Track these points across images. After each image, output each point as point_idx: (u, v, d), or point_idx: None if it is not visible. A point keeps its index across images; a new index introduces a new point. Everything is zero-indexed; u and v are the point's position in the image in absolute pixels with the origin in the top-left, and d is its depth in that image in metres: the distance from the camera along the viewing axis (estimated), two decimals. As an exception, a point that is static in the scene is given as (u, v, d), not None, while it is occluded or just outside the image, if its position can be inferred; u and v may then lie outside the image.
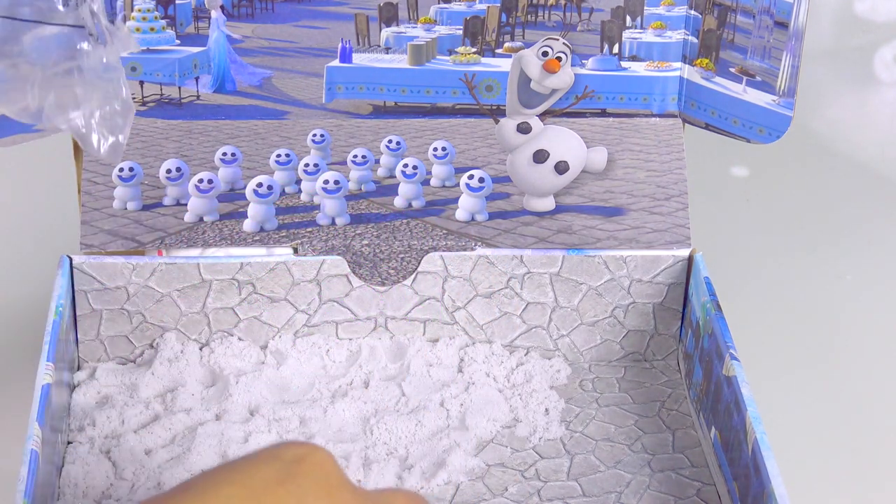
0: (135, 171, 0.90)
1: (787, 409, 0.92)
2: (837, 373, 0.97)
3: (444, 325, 0.91)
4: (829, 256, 1.13)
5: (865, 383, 0.96)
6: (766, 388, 0.91)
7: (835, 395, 0.95)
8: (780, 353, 0.99)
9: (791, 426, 0.90)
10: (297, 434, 0.82)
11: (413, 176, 0.92)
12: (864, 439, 0.91)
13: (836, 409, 0.93)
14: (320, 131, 0.92)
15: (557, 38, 0.90)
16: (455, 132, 0.93)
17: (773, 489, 0.67)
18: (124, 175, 0.90)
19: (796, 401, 0.94)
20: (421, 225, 0.91)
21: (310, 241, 0.89)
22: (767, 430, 0.71)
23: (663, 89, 0.92)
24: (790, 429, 0.89)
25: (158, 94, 0.92)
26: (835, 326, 1.03)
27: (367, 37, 0.92)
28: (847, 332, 1.02)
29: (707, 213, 1.10)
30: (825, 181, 1.24)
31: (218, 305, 0.89)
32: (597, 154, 0.92)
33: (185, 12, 0.91)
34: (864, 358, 0.99)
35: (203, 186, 0.90)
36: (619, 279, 0.90)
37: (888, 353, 1.00)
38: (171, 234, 0.89)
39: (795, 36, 0.86)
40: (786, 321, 1.03)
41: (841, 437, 0.91)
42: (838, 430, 0.91)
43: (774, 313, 1.04)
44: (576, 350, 0.92)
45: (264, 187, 0.90)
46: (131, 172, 0.90)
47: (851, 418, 0.93)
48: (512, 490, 0.79)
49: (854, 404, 0.94)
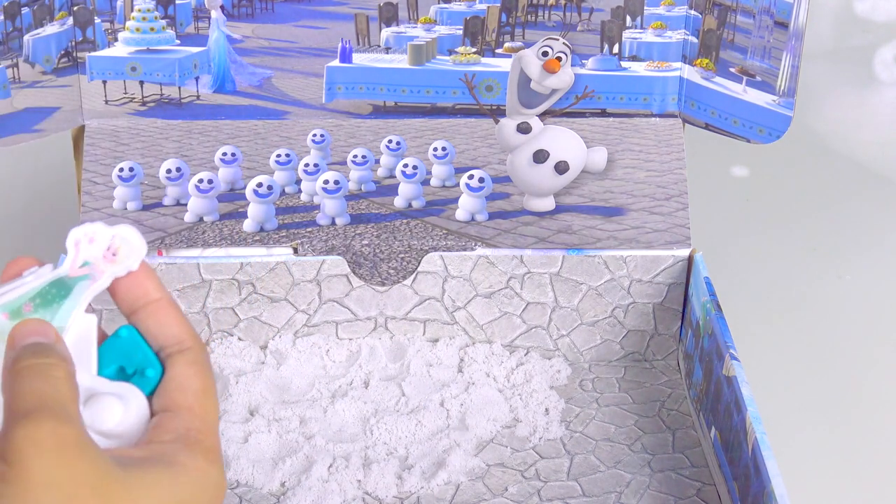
0: (135, 171, 0.90)
1: (787, 409, 0.92)
2: (837, 373, 0.97)
3: (444, 325, 0.91)
4: (829, 256, 1.13)
5: (865, 383, 0.96)
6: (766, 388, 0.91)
7: (835, 395, 0.95)
8: (780, 353, 0.99)
9: (791, 426, 0.90)
10: (297, 434, 0.82)
11: (413, 176, 0.92)
12: (863, 439, 0.91)
13: (836, 409, 0.93)
14: (320, 131, 0.92)
15: (557, 38, 0.90)
16: (455, 132, 0.93)
17: (773, 489, 0.67)
18: (124, 175, 0.90)
19: (796, 401, 0.94)
20: (421, 225, 0.91)
21: (310, 241, 0.89)
22: (767, 430, 0.71)
23: (663, 89, 0.92)
24: (790, 429, 0.89)
25: (158, 94, 0.92)
26: (834, 326, 1.03)
27: (367, 37, 0.92)
28: (847, 332, 1.02)
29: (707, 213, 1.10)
30: (825, 181, 1.24)
31: (218, 305, 0.89)
32: (597, 154, 0.92)
33: (185, 12, 0.91)
34: (863, 358, 0.99)
35: (203, 186, 0.90)
36: (619, 279, 0.90)
37: (888, 352, 1.00)
38: (171, 234, 0.89)
39: (795, 36, 0.86)
40: (786, 321, 1.03)
41: (841, 437, 0.91)
42: (838, 430, 0.91)
43: (774, 313, 1.04)
44: (576, 350, 0.92)
45: (264, 187, 0.90)
46: (131, 172, 0.90)
47: (851, 418, 0.93)
48: (512, 490, 0.79)
49: (854, 404, 0.94)
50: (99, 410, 0.47)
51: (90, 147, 0.91)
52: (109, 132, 0.92)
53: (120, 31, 0.91)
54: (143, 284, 0.51)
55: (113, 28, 0.91)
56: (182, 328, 0.50)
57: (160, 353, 0.50)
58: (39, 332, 0.48)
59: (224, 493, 0.48)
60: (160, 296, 0.51)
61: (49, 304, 0.49)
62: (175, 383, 0.49)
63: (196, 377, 0.49)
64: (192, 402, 0.48)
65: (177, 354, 0.50)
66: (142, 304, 0.51)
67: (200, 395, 0.49)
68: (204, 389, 0.49)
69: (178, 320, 0.51)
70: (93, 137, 0.91)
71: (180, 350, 0.50)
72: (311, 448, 0.81)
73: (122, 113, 0.92)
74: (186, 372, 0.49)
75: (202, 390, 0.49)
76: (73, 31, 0.90)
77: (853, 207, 1.20)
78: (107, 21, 0.90)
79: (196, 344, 0.50)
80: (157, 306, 0.51)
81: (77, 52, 0.90)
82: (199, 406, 0.48)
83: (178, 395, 0.49)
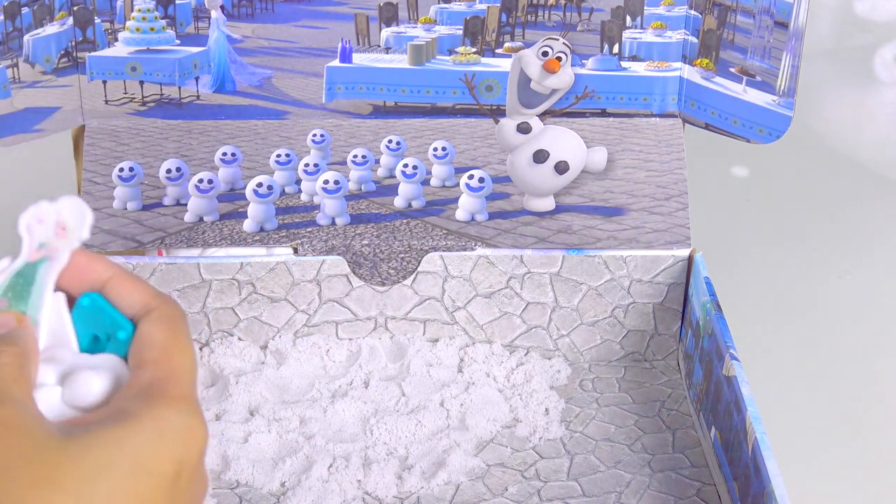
0: (135, 171, 0.90)
1: (787, 409, 0.92)
2: (837, 372, 0.97)
3: (444, 325, 0.91)
4: (829, 256, 1.13)
5: (865, 383, 0.96)
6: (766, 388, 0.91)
7: (835, 395, 0.95)
8: (780, 353, 0.99)
9: (791, 426, 0.90)
10: (297, 434, 0.82)
11: (413, 176, 0.92)
12: (863, 439, 0.91)
13: (835, 408, 0.93)
14: (320, 131, 0.92)
15: (557, 38, 0.90)
16: (455, 132, 0.93)
17: (773, 489, 0.67)
18: (124, 175, 0.90)
19: (796, 401, 0.94)
20: (421, 225, 0.91)
21: (310, 241, 0.89)
22: (767, 430, 0.71)
23: (663, 89, 0.92)
24: (790, 429, 0.89)
25: (158, 94, 0.92)
26: (834, 326, 1.03)
27: (367, 37, 0.92)
28: (847, 332, 1.02)
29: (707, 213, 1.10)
30: (825, 181, 1.24)
31: (218, 305, 0.89)
32: (597, 154, 0.92)
33: (185, 12, 0.91)
34: (863, 358, 0.99)
35: (203, 186, 0.90)
36: (619, 279, 0.90)
37: (888, 352, 1.00)
38: (171, 234, 0.89)
39: (795, 36, 0.86)
40: (786, 321, 1.03)
41: (841, 436, 0.91)
42: (838, 430, 0.91)
43: (774, 313, 1.04)
44: (576, 350, 0.92)
45: (264, 187, 0.90)
46: (131, 172, 0.90)
47: (851, 418, 0.93)
48: (512, 490, 0.79)
49: (854, 404, 0.94)
50: (77, 387, 0.48)
51: (90, 147, 0.91)
52: (109, 132, 0.92)
53: (120, 31, 0.91)
54: (91, 266, 0.51)
55: (113, 28, 0.91)
56: (144, 293, 0.51)
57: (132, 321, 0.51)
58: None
59: (204, 441, 0.48)
60: (113, 272, 0.51)
61: (20, 295, 0.50)
62: (140, 341, 0.50)
63: (160, 332, 0.50)
64: (157, 355, 0.49)
65: (143, 316, 0.50)
66: (98, 285, 0.51)
67: (166, 347, 0.49)
68: (170, 341, 0.50)
69: (138, 287, 0.51)
70: (93, 137, 0.91)
71: (147, 312, 0.51)
72: (311, 448, 0.81)
73: (122, 113, 0.92)
74: (150, 329, 0.50)
75: (168, 342, 0.49)
76: (73, 31, 0.90)
77: (853, 207, 1.20)
78: (107, 21, 0.90)
79: (161, 303, 0.51)
80: (114, 282, 0.51)
81: (77, 52, 0.90)
82: (163, 358, 0.49)
83: (143, 351, 0.49)
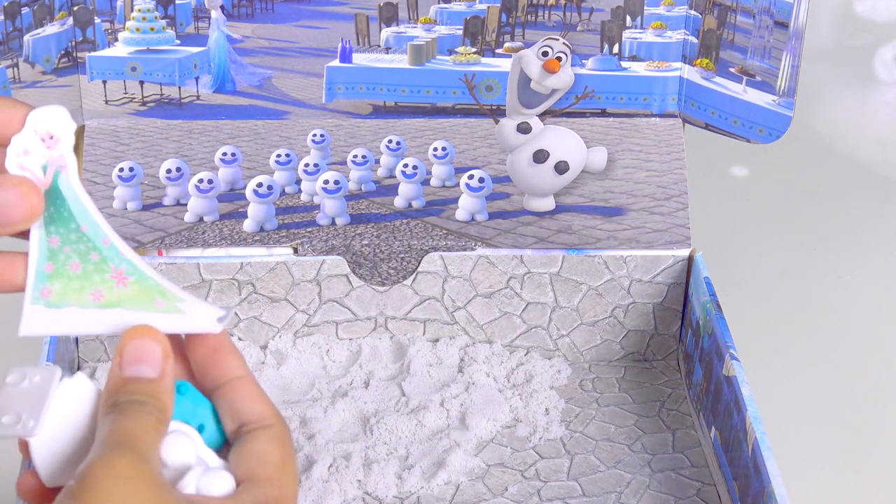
0: (135, 171, 0.90)
1: (787, 409, 0.92)
2: (837, 373, 0.97)
3: (445, 325, 0.91)
4: (829, 256, 1.13)
5: (865, 383, 0.96)
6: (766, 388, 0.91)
7: (835, 395, 0.95)
8: (780, 353, 0.99)
9: (791, 426, 0.90)
10: (298, 434, 0.82)
11: (413, 176, 0.92)
12: (863, 439, 0.91)
13: (835, 408, 0.93)
14: (320, 131, 0.92)
15: (557, 38, 0.90)
16: (455, 132, 0.93)
17: (773, 489, 0.67)
18: (124, 175, 0.90)
19: (796, 401, 0.94)
20: (421, 225, 0.91)
21: (310, 241, 0.89)
22: (767, 430, 0.71)
23: (663, 89, 0.92)
24: (790, 429, 0.89)
25: (158, 94, 0.92)
26: (834, 326, 1.03)
27: (367, 37, 0.92)
28: (847, 332, 1.02)
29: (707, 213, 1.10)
30: (825, 181, 1.24)
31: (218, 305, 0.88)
32: (597, 154, 0.92)
33: (185, 12, 0.91)
34: (863, 358, 0.99)
35: (203, 186, 0.90)
36: (619, 279, 0.90)
37: (888, 352, 1.00)
38: (171, 234, 0.89)
39: (795, 36, 0.86)
40: (786, 321, 1.03)
41: (841, 437, 0.91)
42: (838, 430, 0.91)
43: (774, 313, 1.04)
44: (576, 350, 0.92)
45: (264, 187, 0.90)
46: (131, 172, 0.90)
47: (851, 418, 0.93)
48: (512, 490, 0.79)
49: (854, 404, 0.94)
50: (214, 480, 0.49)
51: (90, 147, 0.91)
52: (109, 132, 0.92)
53: (120, 31, 0.91)
54: (228, 361, 0.54)
55: (113, 28, 0.91)
56: (266, 406, 0.53)
57: (242, 427, 0.52)
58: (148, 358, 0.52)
59: None
60: (244, 373, 0.54)
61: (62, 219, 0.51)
62: (256, 456, 0.51)
63: (276, 452, 0.52)
64: (272, 473, 0.51)
65: (259, 430, 0.52)
66: (226, 379, 0.53)
67: (280, 467, 0.51)
68: (284, 463, 0.52)
69: (261, 398, 0.53)
70: (93, 137, 0.91)
71: (262, 426, 0.52)
72: (312, 448, 0.81)
73: (122, 113, 0.92)
74: (267, 447, 0.52)
75: (282, 463, 0.52)
76: (73, 31, 0.90)
77: (853, 207, 1.20)
78: (107, 21, 0.90)
79: (278, 422, 0.53)
80: (241, 382, 0.53)
81: (77, 52, 0.90)
82: (278, 478, 0.51)
83: (258, 466, 0.51)
